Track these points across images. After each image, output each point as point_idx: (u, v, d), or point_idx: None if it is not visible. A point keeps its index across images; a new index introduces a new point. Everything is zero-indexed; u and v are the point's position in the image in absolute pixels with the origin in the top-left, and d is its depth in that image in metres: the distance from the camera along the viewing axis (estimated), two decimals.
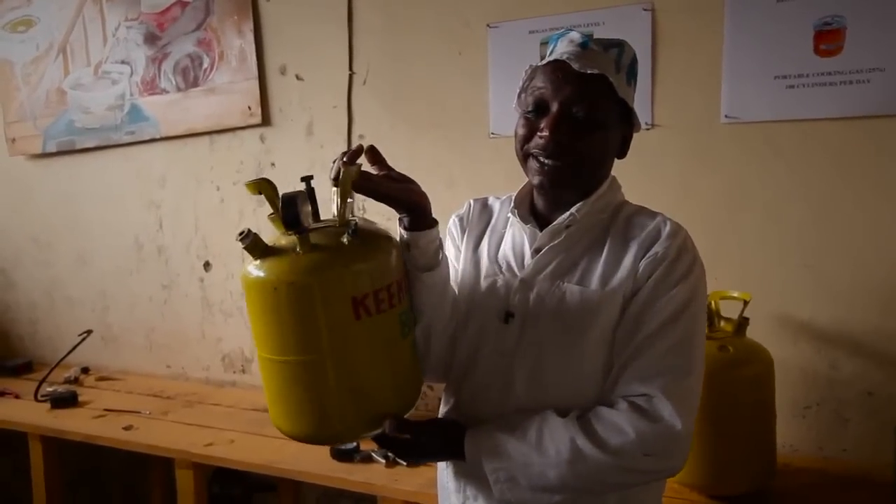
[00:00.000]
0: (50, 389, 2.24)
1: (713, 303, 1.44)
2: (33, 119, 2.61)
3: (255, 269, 0.87)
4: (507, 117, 1.96)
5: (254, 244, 0.86)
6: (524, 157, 1.00)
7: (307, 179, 0.91)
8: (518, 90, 1.03)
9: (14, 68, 2.62)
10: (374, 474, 1.59)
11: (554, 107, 0.95)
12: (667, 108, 1.69)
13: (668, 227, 0.97)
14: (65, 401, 2.17)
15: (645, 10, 1.68)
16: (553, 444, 0.90)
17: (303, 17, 2.11)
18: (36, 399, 2.21)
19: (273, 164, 2.23)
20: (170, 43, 2.31)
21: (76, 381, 2.44)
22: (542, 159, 0.97)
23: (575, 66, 0.93)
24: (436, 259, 0.98)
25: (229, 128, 2.26)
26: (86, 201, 2.60)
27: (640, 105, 1.68)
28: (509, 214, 1.06)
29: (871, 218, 1.53)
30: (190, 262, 2.42)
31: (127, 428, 1.96)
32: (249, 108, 2.20)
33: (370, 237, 0.91)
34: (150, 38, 2.34)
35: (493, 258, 1.06)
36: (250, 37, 2.17)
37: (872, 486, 1.44)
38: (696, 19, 1.64)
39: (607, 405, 0.93)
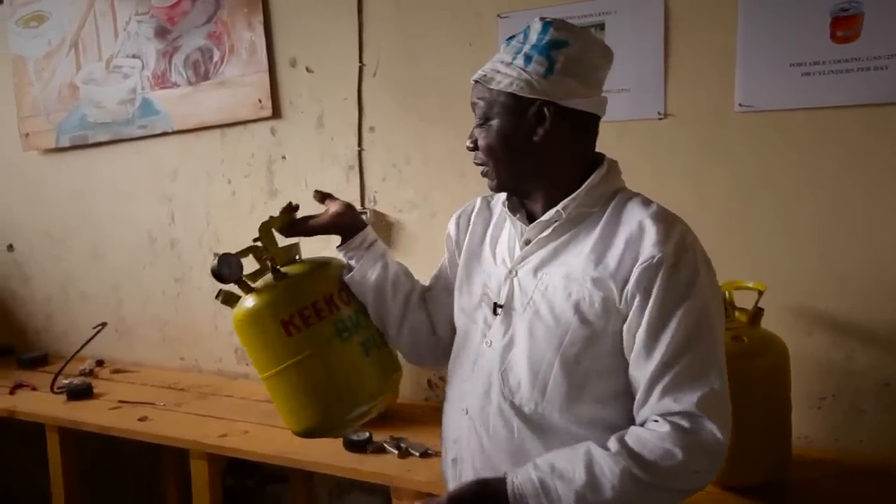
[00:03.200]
0: (66, 382, 2.27)
1: (727, 293, 1.43)
2: (46, 114, 2.63)
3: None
4: None
5: (225, 299, 1.19)
6: None
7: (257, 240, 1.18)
8: None
9: (27, 63, 2.64)
10: (387, 465, 1.59)
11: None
12: (680, 97, 1.67)
13: (661, 223, 0.94)
14: (80, 393, 2.19)
15: None
16: (608, 480, 0.87)
17: (312, 9, 2.11)
18: (52, 391, 2.23)
19: (284, 157, 2.23)
20: (180, 36, 2.32)
21: (91, 373, 2.46)
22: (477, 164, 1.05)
23: (473, 77, 1.02)
24: (368, 263, 1.14)
25: (240, 121, 2.26)
26: (99, 196, 2.63)
27: (653, 94, 1.68)
28: (502, 207, 1.09)
29: (887, 207, 1.51)
30: (202, 255, 2.43)
31: (142, 419, 1.98)
32: (260, 100, 2.21)
33: (299, 270, 1.15)
34: (161, 32, 2.35)
35: (493, 252, 1.10)
36: (260, 29, 2.17)
37: (888, 476, 1.44)
38: (710, 6, 1.62)
39: (641, 424, 0.93)
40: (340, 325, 1.12)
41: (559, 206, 0.99)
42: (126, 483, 2.69)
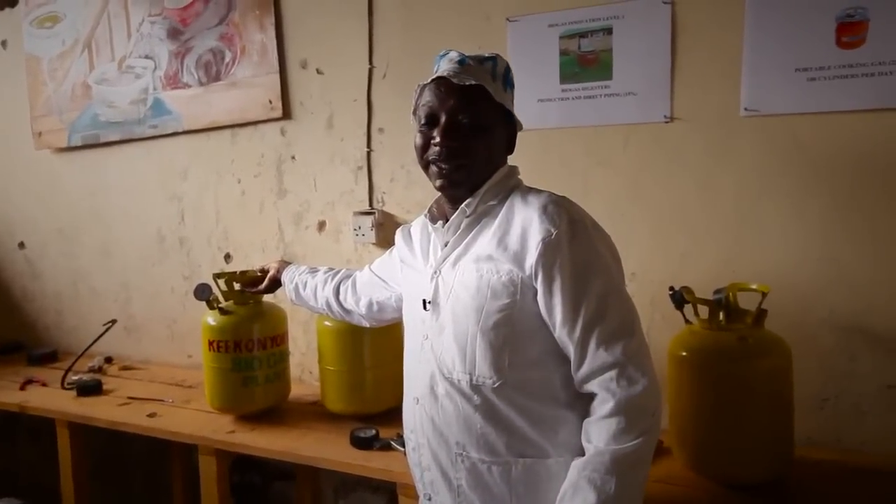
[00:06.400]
0: (75, 378, 2.30)
1: (731, 294, 1.45)
2: (59, 113, 2.67)
3: None
4: (524, 112, 1.95)
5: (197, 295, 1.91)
6: (425, 165, 1.16)
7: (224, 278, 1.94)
8: (412, 108, 1.20)
9: (41, 63, 2.68)
10: (393, 461, 1.61)
11: (442, 117, 1.12)
12: (686, 100, 1.69)
13: (551, 204, 1.08)
14: (90, 389, 2.22)
15: (665, 2, 1.68)
16: (607, 477, 1.00)
17: (323, 11, 2.14)
18: (62, 387, 2.26)
19: (293, 157, 2.26)
20: (192, 38, 2.35)
21: (100, 370, 2.49)
22: (439, 164, 1.13)
23: (454, 80, 1.10)
24: (293, 296, 1.72)
25: (250, 121, 2.29)
26: (110, 194, 2.66)
27: (659, 98, 1.71)
28: (424, 217, 1.25)
29: (893, 211, 1.52)
30: (211, 253, 2.46)
31: (151, 415, 2.00)
32: (270, 101, 2.23)
33: (240, 314, 1.91)
34: (173, 33, 2.38)
35: (425, 260, 1.25)
36: (271, 31, 2.20)
37: (890, 478, 1.44)
38: (717, 11, 1.63)
39: (582, 382, 1.06)
40: (237, 364, 1.86)
41: (463, 205, 1.15)
42: (133, 479, 2.71)
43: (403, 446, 1.65)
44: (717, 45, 1.64)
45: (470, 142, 1.11)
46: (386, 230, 2.12)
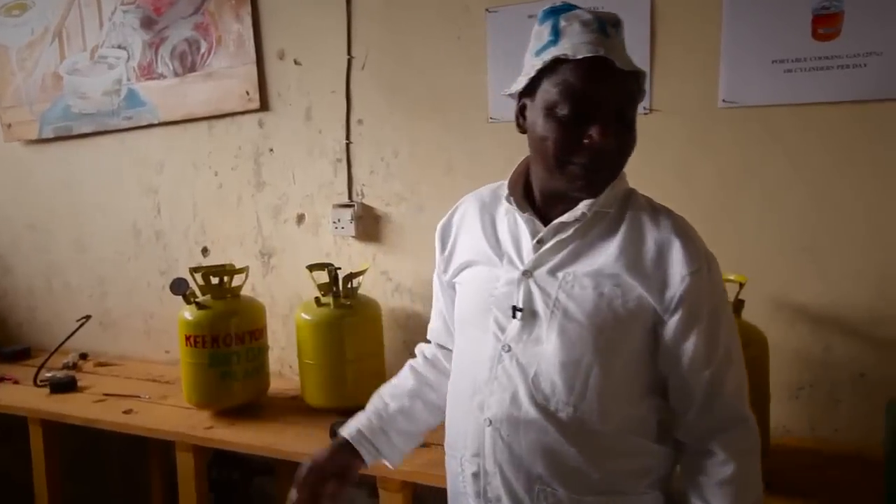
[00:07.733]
0: (49, 375, 2.25)
1: None
2: (29, 104, 2.60)
3: None
4: (506, 102, 1.94)
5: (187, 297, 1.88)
6: (561, 163, 0.93)
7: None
8: (525, 77, 0.95)
9: (9, 53, 2.60)
10: None
11: (603, 112, 0.90)
12: (665, 92, 1.69)
13: (687, 232, 0.96)
14: (64, 386, 2.17)
15: None
16: None
17: (301, 1, 2.10)
18: (35, 384, 2.21)
19: (271, 150, 2.22)
20: (167, 27, 2.30)
21: (74, 366, 2.44)
22: (588, 167, 0.92)
23: (618, 63, 0.88)
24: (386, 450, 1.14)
25: (227, 113, 2.25)
26: (83, 187, 2.60)
27: None
28: (505, 201, 1.02)
29: (867, 202, 1.54)
30: (188, 247, 2.42)
31: (127, 412, 1.97)
32: (247, 92, 2.20)
33: (218, 309, 1.88)
34: (147, 23, 2.33)
35: (496, 252, 1.03)
36: (248, 21, 2.16)
37: (863, 464, 1.47)
38: (695, 3, 1.64)
39: (699, 444, 0.98)
40: (214, 359, 1.83)
41: (583, 208, 0.95)
42: (110, 477, 2.67)
43: None
44: (695, 37, 1.65)
45: (625, 141, 0.93)
46: (365, 223, 2.10)
